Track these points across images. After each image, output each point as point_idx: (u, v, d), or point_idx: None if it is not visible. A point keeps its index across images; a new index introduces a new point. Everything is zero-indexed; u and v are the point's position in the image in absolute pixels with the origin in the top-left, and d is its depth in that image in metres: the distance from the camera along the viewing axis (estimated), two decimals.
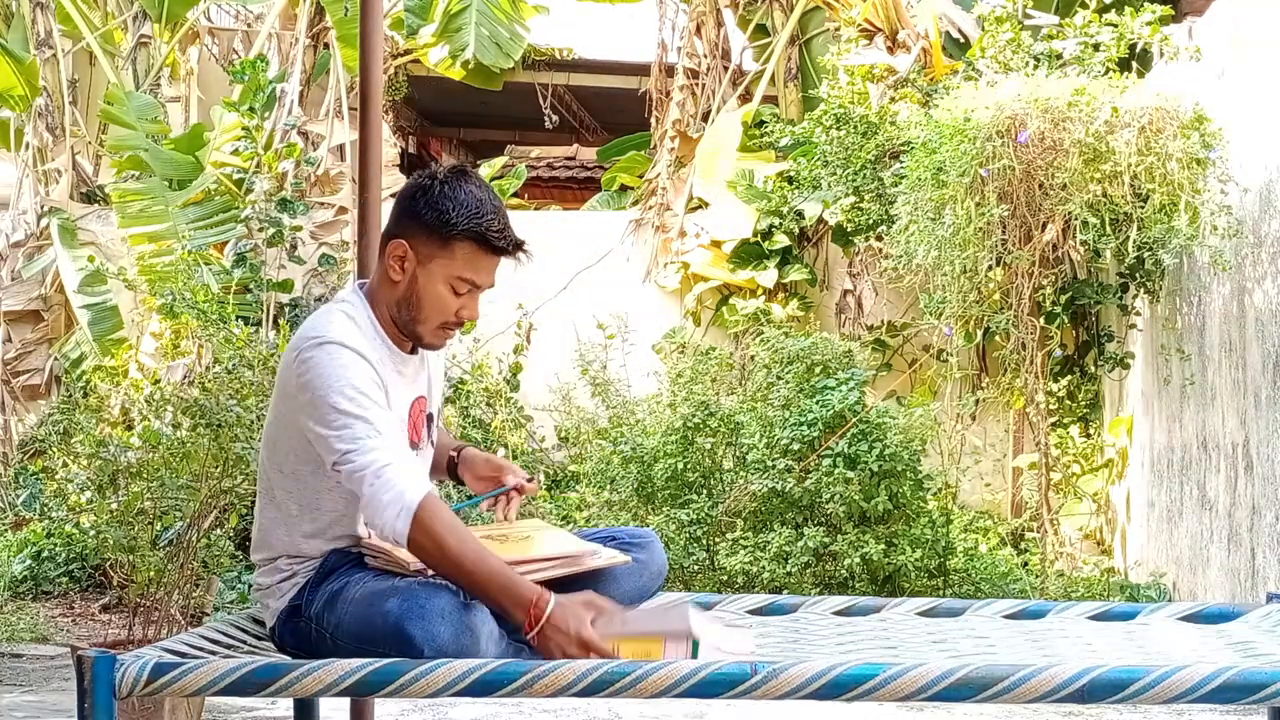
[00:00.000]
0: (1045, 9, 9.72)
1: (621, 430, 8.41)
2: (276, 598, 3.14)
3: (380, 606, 2.91)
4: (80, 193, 11.16)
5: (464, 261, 3.09)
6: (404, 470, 2.96)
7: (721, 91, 11.35)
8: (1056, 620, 3.50)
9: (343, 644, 2.97)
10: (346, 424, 2.96)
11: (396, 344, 3.18)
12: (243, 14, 12.43)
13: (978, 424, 9.76)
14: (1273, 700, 2.58)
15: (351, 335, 3.06)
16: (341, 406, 2.96)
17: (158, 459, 6.22)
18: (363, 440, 2.94)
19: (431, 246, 3.10)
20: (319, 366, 3.00)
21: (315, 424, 2.99)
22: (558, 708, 6.00)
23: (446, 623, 2.84)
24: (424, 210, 3.11)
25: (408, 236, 3.12)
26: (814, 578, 7.28)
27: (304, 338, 3.07)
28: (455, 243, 3.08)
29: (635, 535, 3.26)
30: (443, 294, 3.11)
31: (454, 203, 3.08)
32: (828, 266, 10.57)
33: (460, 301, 3.12)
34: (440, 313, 3.12)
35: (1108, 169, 7.39)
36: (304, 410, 3.01)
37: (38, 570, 8.78)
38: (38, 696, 6.31)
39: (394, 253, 3.12)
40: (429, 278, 3.10)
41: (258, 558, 3.19)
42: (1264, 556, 6.25)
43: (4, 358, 10.78)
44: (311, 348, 3.03)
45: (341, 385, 2.98)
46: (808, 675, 2.58)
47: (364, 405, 2.98)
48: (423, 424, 3.25)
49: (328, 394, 2.97)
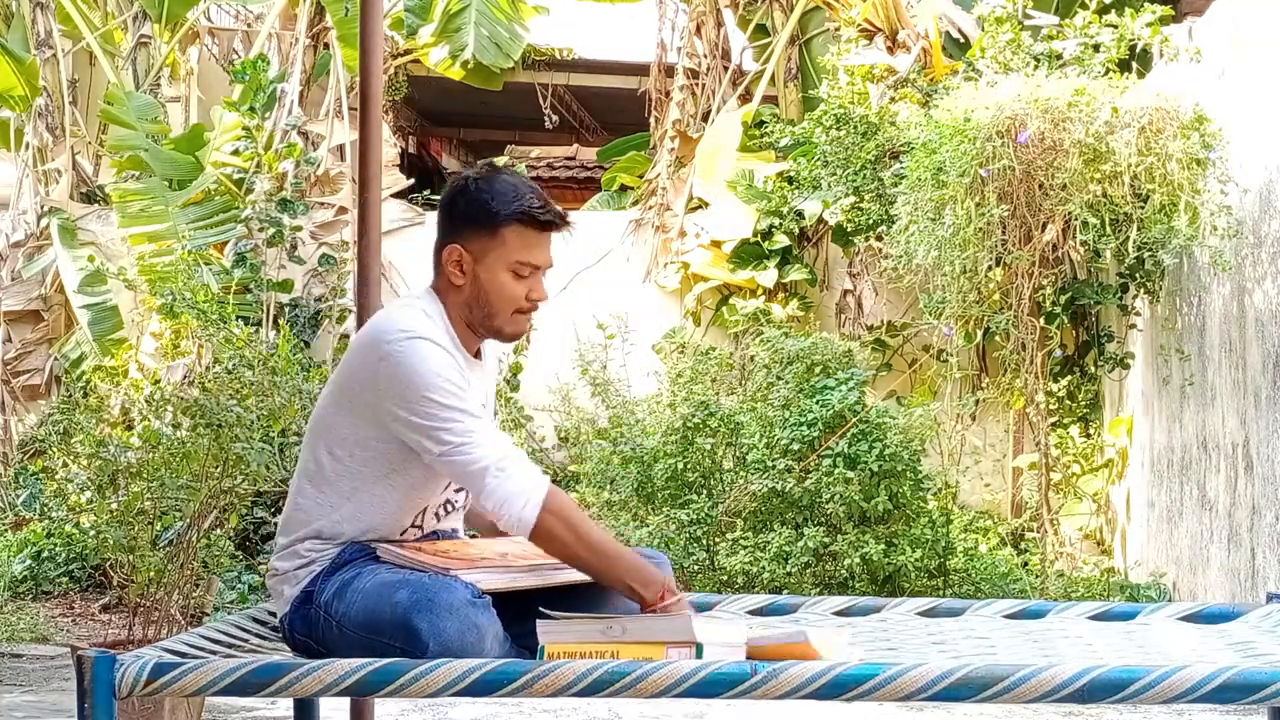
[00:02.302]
0: (1045, 9, 9.72)
1: (621, 430, 8.41)
2: (291, 584, 3.14)
3: (390, 597, 2.93)
4: (80, 193, 11.16)
5: (517, 245, 3.15)
6: (524, 464, 3.04)
7: (721, 91, 11.34)
8: (1056, 620, 3.50)
9: (349, 633, 2.98)
10: (453, 417, 3.01)
11: (466, 347, 3.22)
12: (243, 14, 12.43)
13: (978, 424, 9.76)
14: (1273, 700, 2.58)
15: (437, 333, 3.12)
16: (445, 400, 3.02)
17: (158, 459, 6.22)
18: (475, 434, 3.01)
19: (483, 241, 3.15)
20: (412, 360, 3.04)
21: (414, 416, 3.03)
22: (558, 708, 6.00)
23: (454, 618, 2.85)
24: (467, 210, 3.17)
25: (459, 239, 3.18)
26: (814, 578, 7.29)
27: (387, 329, 3.10)
28: (504, 230, 3.14)
29: (647, 554, 3.27)
30: (507, 282, 3.16)
31: (492, 194, 3.15)
32: (828, 266, 10.57)
33: (526, 285, 3.17)
34: (510, 300, 3.17)
35: (1108, 169, 7.39)
36: (395, 401, 3.04)
37: (38, 570, 8.78)
38: (38, 696, 6.31)
39: (450, 259, 3.18)
40: (489, 271, 3.15)
41: (283, 540, 3.19)
42: (1264, 556, 6.25)
43: (4, 358, 10.78)
44: (402, 340, 3.06)
45: (440, 381, 3.03)
46: (808, 675, 2.58)
47: (465, 400, 3.04)
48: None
49: (427, 388, 3.02)
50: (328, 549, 3.14)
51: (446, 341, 3.13)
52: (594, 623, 2.81)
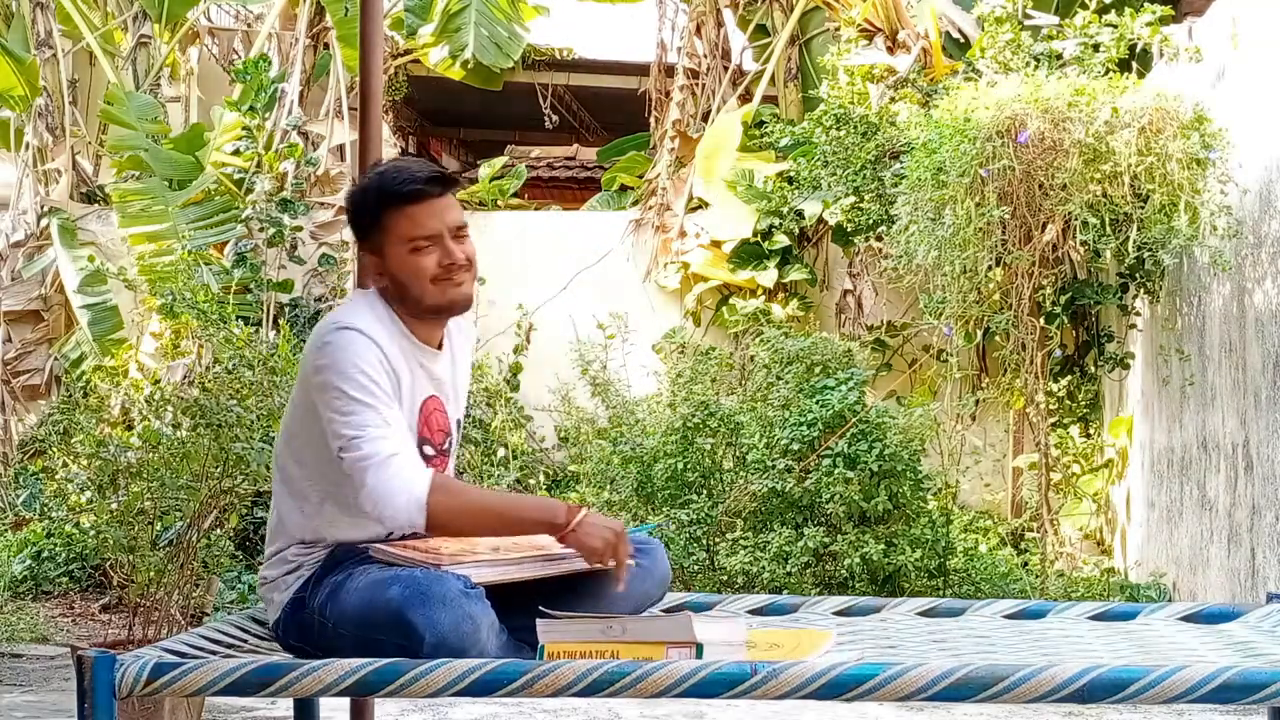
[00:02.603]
0: (1045, 9, 9.72)
1: (621, 430, 8.41)
2: (281, 590, 3.15)
3: (382, 594, 2.93)
4: (80, 193, 11.16)
5: (400, 226, 3.17)
6: (410, 460, 3.02)
7: (721, 91, 11.35)
8: (1056, 620, 3.50)
9: (344, 632, 2.98)
10: (353, 410, 3.02)
11: (423, 339, 3.24)
12: (243, 14, 12.43)
13: (978, 424, 9.76)
14: (1273, 700, 2.58)
15: (370, 323, 3.14)
16: (351, 392, 3.03)
17: (158, 459, 6.21)
18: (369, 428, 3.01)
19: (375, 236, 3.21)
20: (335, 351, 3.07)
21: (326, 408, 3.06)
22: (558, 708, 6.00)
23: (448, 610, 2.85)
24: (353, 217, 3.27)
25: (363, 247, 3.27)
26: (814, 578, 7.29)
27: (324, 325, 3.15)
28: (384, 218, 3.18)
29: (640, 543, 3.27)
30: (411, 261, 3.17)
31: (365, 191, 3.23)
32: (828, 266, 10.57)
33: (433, 254, 3.18)
34: (422, 274, 3.18)
35: (1108, 169, 7.39)
36: (319, 392, 3.08)
37: (38, 570, 8.78)
38: (38, 696, 6.31)
39: (364, 264, 3.30)
40: (392, 261, 3.19)
41: (270, 549, 3.22)
42: (1264, 556, 6.25)
43: (4, 358, 10.78)
44: (331, 332, 3.11)
45: (354, 371, 3.04)
46: (808, 675, 2.58)
47: (374, 394, 3.04)
48: (435, 425, 3.26)
49: (340, 379, 3.04)
50: (314, 553, 3.15)
51: (384, 333, 3.14)
52: (594, 622, 2.82)
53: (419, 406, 3.21)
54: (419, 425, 3.20)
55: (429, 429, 3.23)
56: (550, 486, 9.54)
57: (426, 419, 3.22)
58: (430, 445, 3.22)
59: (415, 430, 3.18)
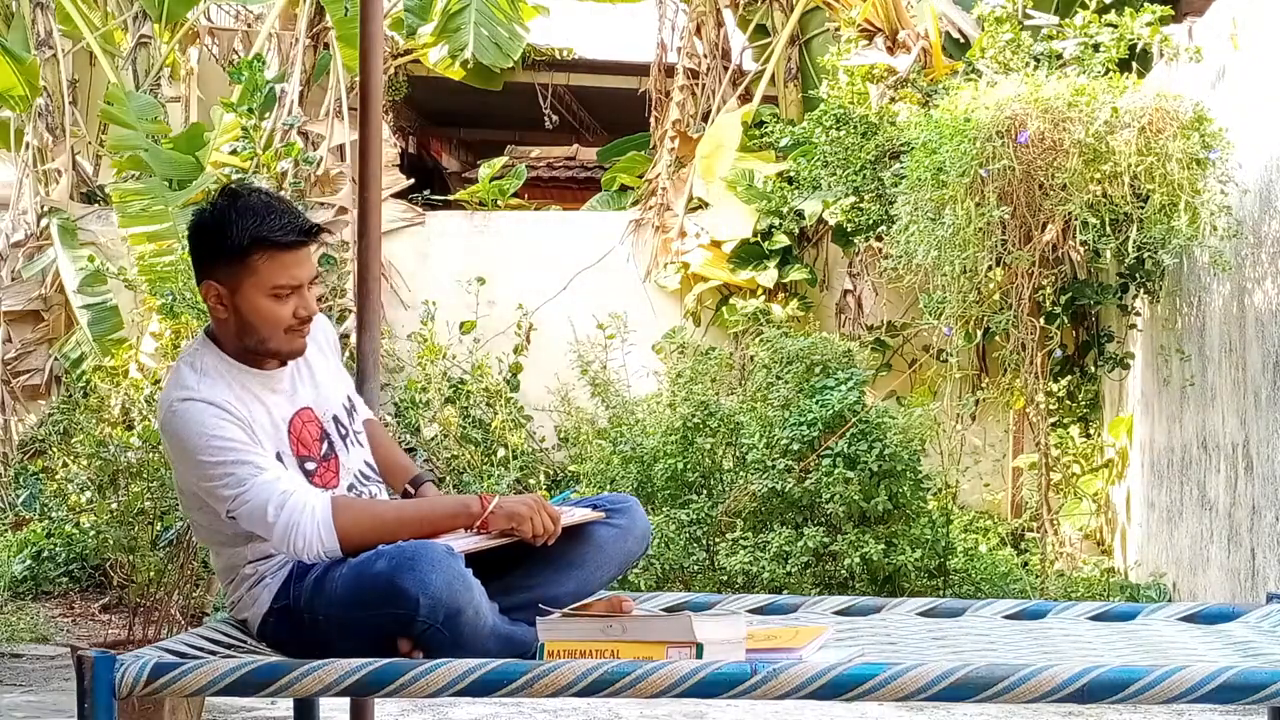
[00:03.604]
0: (1045, 9, 9.72)
1: (621, 430, 8.40)
2: (251, 606, 3.14)
3: (369, 569, 2.93)
4: (80, 193, 11.15)
5: (269, 270, 3.09)
6: (302, 491, 3.00)
7: (721, 91, 11.34)
8: (1056, 620, 3.50)
9: (336, 619, 2.97)
10: (225, 472, 2.99)
11: (259, 365, 3.17)
12: (243, 14, 12.43)
13: (977, 424, 9.76)
14: (1273, 700, 2.58)
15: (197, 387, 3.07)
16: (215, 459, 3.00)
17: (158, 459, 6.22)
18: (249, 480, 2.98)
19: (233, 272, 3.10)
20: (178, 430, 3.04)
21: (200, 481, 3.04)
22: (558, 708, 6.00)
23: (437, 570, 2.85)
24: (210, 244, 3.13)
25: (210, 275, 3.13)
26: (814, 578, 7.28)
27: (162, 403, 3.11)
28: (251, 258, 3.08)
29: (615, 501, 3.28)
30: (268, 307, 3.10)
31: (230, 224, 3.09)
32: (828, 266, 10.57)
33: (291, 304, 3.12)
34: (276, 323, 3.11)
35: (1108, 169, 7.39)
36: (182, 471, 3.08)
37: (38, 570, 8.78)
38: (38, 696, 6.31)
39: (208, 296, 3.14)
40: (248, 301, 3.10)
41: (224, 581, 3.21)
42: (1264, 556, 6.25)
43: (4, 358, 10.78)
44: (166, 415, 3.07)
45: (204, 441, 3.01)
46: (808, 675, 2.58)
47: (234, 450, 3.00)
48: (309, 437, 3.21)
49: (196, 451, 3.01)
50: (271, 560, 3.13)
51: (219, 384, 3.08)
52: (594, 622, 2.82)
53: (286, 429, 3.16)
54: (292, 445, 3.15)
55: (303, 445, 3.18)
56: (550, 486, 9.54)
57: (298, 436, 3.18)
58: (311, 460, 3.18)
59: (292, 453, 3.14)
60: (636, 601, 3.39)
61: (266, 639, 3.14)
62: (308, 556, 3.02)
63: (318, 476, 3.16)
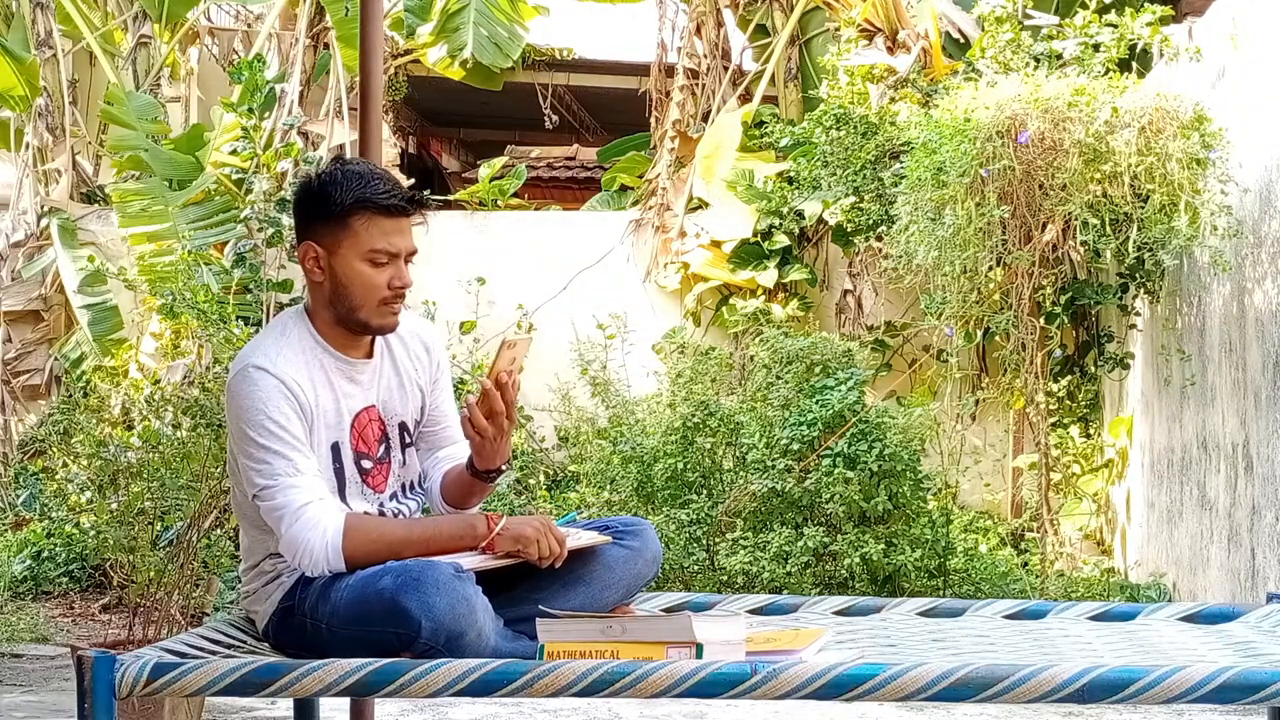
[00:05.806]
0: (1045, 9, 9.72)
1: (621, 430, 8.40)
2: (263, 601, 3.15)
3: (374, 585, 2.93)
4: (80, 193, 11.16)
5: (368, 233, 3.08)
6: (322, 508, 3.00)
7: (721, 91, 11.34)
8: (1056, 620, 3.50)
9: (339, 631, 2.97)
10: (265, 459, 3.00)
11: (345, 350, 3.17)
12: (243, 14, 12.43)
13: (978, 424, 9.76)
14: (1273, 700, 2.58)
15: (275, 358, 3.06)
16: (261, 440, 3.00)
17: (158, 459, 6.22)
18: (281, 478, 2.99)
19: (333, 233, 3.10)
20: (240, 396, 3.03)
21: (239, 452, 3.05)
22: (558, 708, 6.00)
23: (442, 593, 2.84)
24: (313, 205, 3.13)
25: (311, 236, 3.14)
26: (814, 578, 7.29)
27: (237, 361, 3.10)
28: (351, 219, 3.09)
29: (628, 524, 3.27)
30: (365, 272, 3.10)
31: (336, 185, 3.10)
32: (828, 266, 10.57)
33: (386, 272, 3.11)
34: (372, 290, 3.11)
35: (1108, 169, 7.39)
36: (232, 435, 3.08)
37: (38, 570, 8.78)
38: (38, 696, 6.31)
39: (306, 257, 3.14)
40: (345, 263, 3.10)
41: (245, 564, 3.21)
42: (1264, 556, 6.25)
43: (4, 358, 10.78)
44: (237, 376, 3.06)
45: (260, 418, 3.01)
46: (808, 675, 2.58)
47: (283, 440, 3.01)
48: (371, 437, 3.20)
49: (248, 424, 3.01)
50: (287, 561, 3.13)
51: (298, 359, 3.08)
52: (594, 622, 2.82)
53: (350, 424, 3.16)
54: (353, 439, 3.15)
55: (364, 442, 3.18)
56: (550, 486, 9.54)
57: (360, 433, 3.18)
58: (367, 459, 3.18)
59: (351, 446, 3.14)
60: (636, 601, 3.39)
61: (269, 638, 3.15)
62: (312, 572, 3.03)
63: (370, 477, 3.18)
